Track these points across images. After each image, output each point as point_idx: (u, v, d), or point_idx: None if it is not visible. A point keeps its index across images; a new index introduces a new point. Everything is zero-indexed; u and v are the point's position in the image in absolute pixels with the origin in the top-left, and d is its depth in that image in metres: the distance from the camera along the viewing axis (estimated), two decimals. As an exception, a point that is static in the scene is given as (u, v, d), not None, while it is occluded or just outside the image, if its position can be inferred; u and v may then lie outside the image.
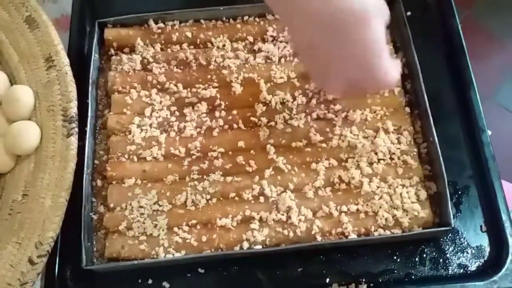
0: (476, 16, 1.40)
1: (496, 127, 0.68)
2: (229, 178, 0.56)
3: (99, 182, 0.57)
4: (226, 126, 0.59)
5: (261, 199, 0.55)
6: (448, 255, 0.55)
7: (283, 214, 0.54)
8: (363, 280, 0.53)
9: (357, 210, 0.54)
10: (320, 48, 0.47)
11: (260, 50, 0.63)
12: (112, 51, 0.64)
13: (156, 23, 0.65)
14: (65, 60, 0.58)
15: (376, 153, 0.57)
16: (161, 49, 0.64)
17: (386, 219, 0.53)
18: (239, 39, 0.64)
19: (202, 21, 0.65)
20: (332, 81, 0.50)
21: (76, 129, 0.55)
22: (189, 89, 0.61)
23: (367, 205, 0.54)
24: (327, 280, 0.53)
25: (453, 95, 0.62)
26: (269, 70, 0.62)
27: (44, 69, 0.58)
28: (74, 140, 0.54)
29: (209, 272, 0.54)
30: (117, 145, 0.58)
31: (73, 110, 0.55)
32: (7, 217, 0.52)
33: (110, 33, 0.64)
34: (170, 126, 0.59)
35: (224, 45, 0.64)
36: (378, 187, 0.55)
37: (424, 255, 0.55)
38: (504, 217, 0.55)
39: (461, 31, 0.64)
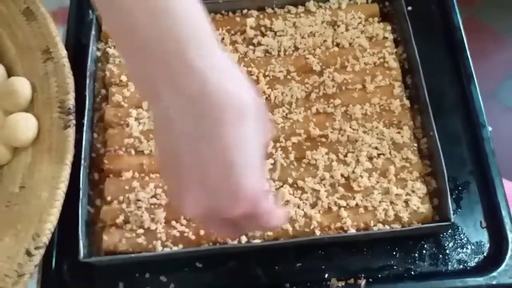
0: (479, 15, 1.40)
1: (497, 125, 0.67)
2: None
3: (96, 175, 0.57)
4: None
5: (260, 193, 0.54)
6: (447, 251, 0.54)
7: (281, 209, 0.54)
8: (362, 275, 0.53)
9: (356, 205, 0.54)
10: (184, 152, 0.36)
11: (259, 44, 0.63)
12: (110, 44, 0.63)
13: (155, 16, 0.65)
14: (63, 52, 0.58)
15: (375, 148, 0.56)
16: (160, 42, 0.63)
17: (385, 214, 0.53)
18: (238, 32, 0.64)
19: (201, 14, 0.65)
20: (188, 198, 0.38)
21: (74, 121, 0.54)
22: (187, 83, 0.60)
23: (366, 200, 0.54)
24: (326, 275, 0.53)
25: (453, 90, 0.62)
26: (268, 64, 0.61)
27: (41, 61, 0.58)
28: (71, 132, 0.54)
29: (206, 266, 0.54)
30: (115, 138, 0.57)
31: (71, 102, 0.55)
32: (4, 209, 0.52)
33: (108, 26, 0.63)
34: (168, 119, 0.59)
35: (223, 38, 0.63)
36: (377, 182, 0.55)
37: (424, 251, 0.54)
38: (504, 213, 0.55)
39: (461, 26, 0.64)
